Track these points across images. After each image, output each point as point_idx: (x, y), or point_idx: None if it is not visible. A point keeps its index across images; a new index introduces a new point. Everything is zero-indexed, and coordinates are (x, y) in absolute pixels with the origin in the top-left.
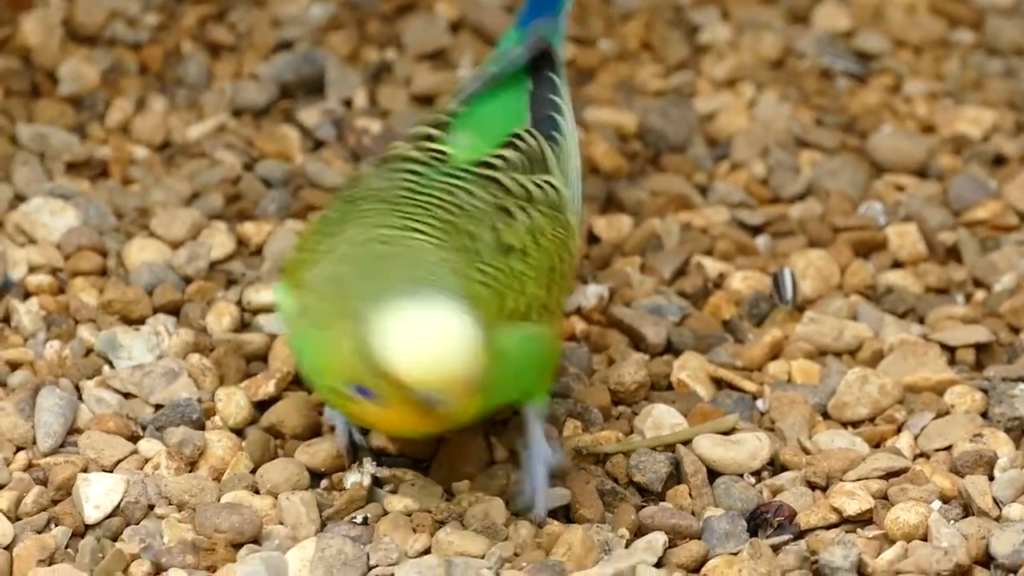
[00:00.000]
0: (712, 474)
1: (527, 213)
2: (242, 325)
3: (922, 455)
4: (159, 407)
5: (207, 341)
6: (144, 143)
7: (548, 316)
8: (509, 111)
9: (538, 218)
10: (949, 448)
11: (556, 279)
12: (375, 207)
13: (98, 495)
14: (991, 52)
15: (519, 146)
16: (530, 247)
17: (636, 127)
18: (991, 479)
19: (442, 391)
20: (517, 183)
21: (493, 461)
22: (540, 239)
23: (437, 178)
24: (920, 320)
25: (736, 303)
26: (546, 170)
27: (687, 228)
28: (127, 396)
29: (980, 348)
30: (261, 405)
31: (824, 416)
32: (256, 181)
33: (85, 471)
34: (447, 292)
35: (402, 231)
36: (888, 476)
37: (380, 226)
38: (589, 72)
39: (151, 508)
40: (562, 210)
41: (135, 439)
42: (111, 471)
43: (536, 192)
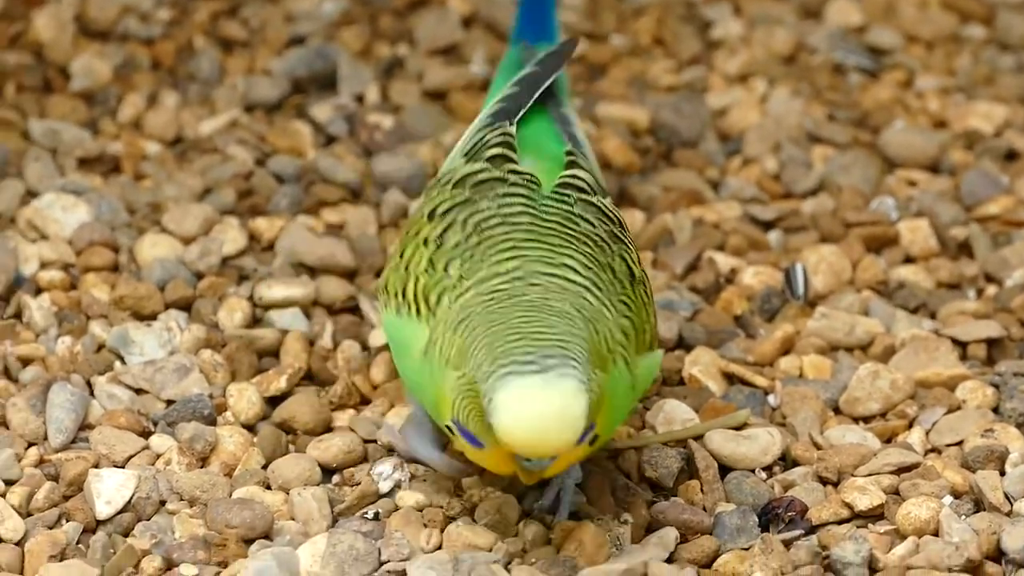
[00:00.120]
0: (724, 469)
1: (628, 239)
2: (254, 321)
3: (933, 450)
4: (171, 403)
5: (219, 337)
6: (156, 139)
7: (657, 340)
8: (540, 128)
9: (633, 244)
10: (960, 443)
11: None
12: (514, 233)
13: (109, 491)
14: (1003, 47)
15: (582, 165)
16: (644, 276)
17: (648, 122)
18: (1002, 474)
19: (548, 459)
20: (607, 208)
21: None
22: (641, 266)
23: (549, 206)
24: (932, 315)
25: (748, 298)
26: (604, 190)
27: (699, 223)
28: (139, 392)
29: (991, 343)
30: (273, 401)
31: (835, 411)
32: (268, 176)
33: (96, 467)
34: (573, 358)
35: (556, 268)
36: (899, 471)
37: (530, 258)
38: (601, 68)
39: (162, 504)
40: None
41: (146, 435)
42: (122, 467)
43: (620, 218)
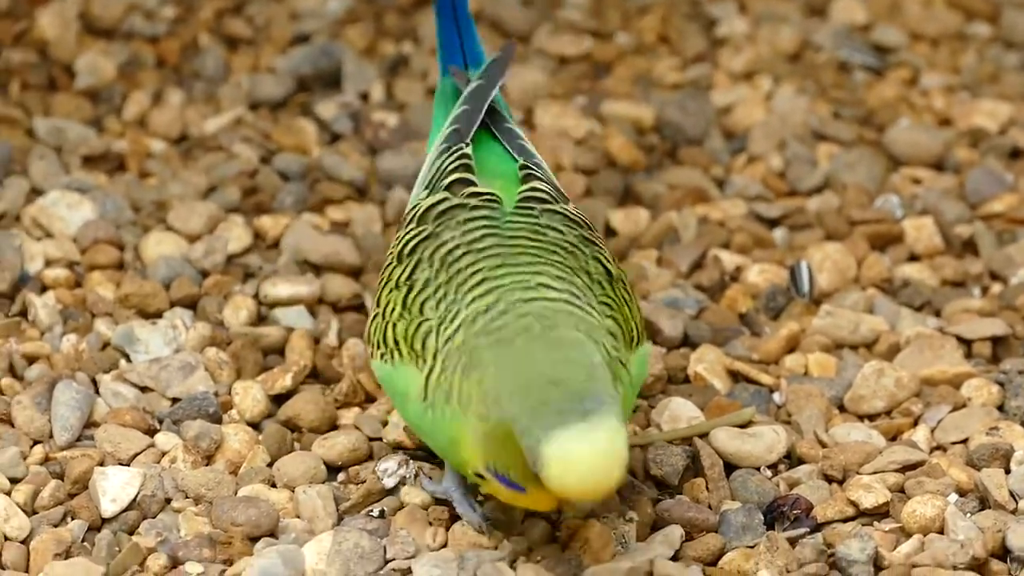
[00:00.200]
0: (729, 467)
1: (598, 240)
2: (259, 318)
3: (938, 448)
4: (176, 401)
5: (224, 335)
6: (161, 136)
7: (644, 333)
8: (487, 149)
9: (603, 244)
10: (965, 441)
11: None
12: (480, 262)
13: (115, 489)
14: (1008, 45)
15: (539, 176)
16: (621, 273)
17: (653, 120)
18: (1007, 472)
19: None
20: (572, 213)
21: None
22: (617, 264)
23: (514, 222)
24: (936, 313)
25: (753, 296)
26: (564, 196)
27: (704, 221)
28: (144, 390)
29: (996, 341)
30: (278, 399)
31: (841, 409)
32: (273, 174)
33: (102, 465)
34: (607, 393)
35: (534, 290)
36: (904, 469)
37: (505, 287)
38: (606, 65)
39: (168, 502)
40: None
41: (152, 433)
42: (128, 465)
43: (586, 221)
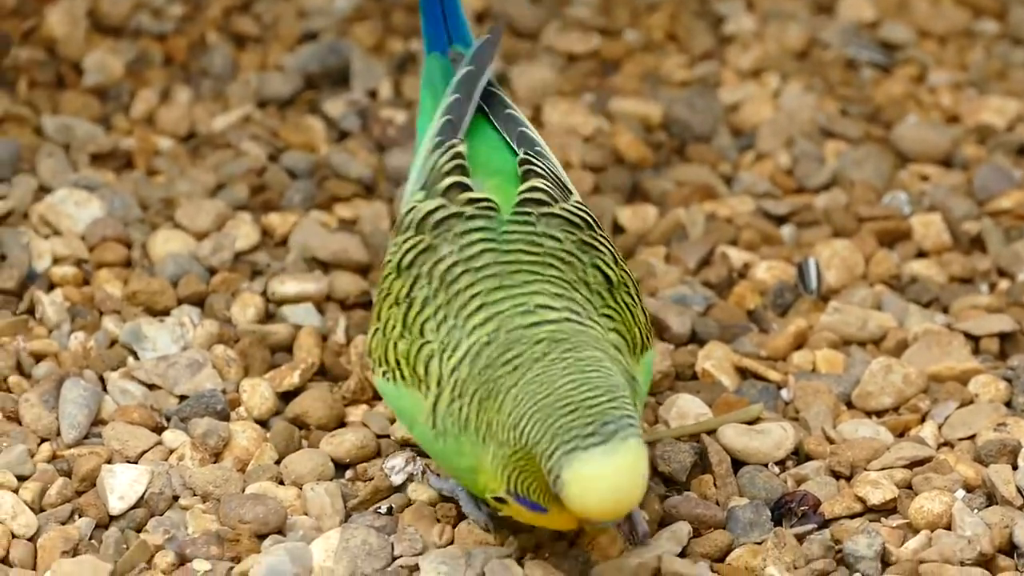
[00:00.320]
0: (736, 464)
1: (599, 242)
2: (267, 316)
3: (946, 444)
4: (184, 398)
5: (232, 332)
6: (169, 134)
7: (650, 335)
8: (486, 140)
9: (606, 243)
10: (973, 437)
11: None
12: (478, 284)
13: (122, 486)
14: (1015, 42)
15: (539, 172)
16: (623, 276)
17: (661, 117)
18: (1015, 468)
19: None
20: (573, 213)
21: None
22: (620, 264)
23: (511, 232)
24: (944, 310)
25: (761, 293)
26: (567, 189)
27: (712, 218)
28: (151, 387)
29: (1004, 337)
30: (286, 396)
31: (848, 405)
32: (281, 172)
33: (109, 462)
34: (627, 414)
35: (532, 314)
36: (912, 465)
37: (504, 314)
38: (614, 63)
39: (175, 499)
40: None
41: (159, 430)
42: (135, 462)
43: (589, 217)
